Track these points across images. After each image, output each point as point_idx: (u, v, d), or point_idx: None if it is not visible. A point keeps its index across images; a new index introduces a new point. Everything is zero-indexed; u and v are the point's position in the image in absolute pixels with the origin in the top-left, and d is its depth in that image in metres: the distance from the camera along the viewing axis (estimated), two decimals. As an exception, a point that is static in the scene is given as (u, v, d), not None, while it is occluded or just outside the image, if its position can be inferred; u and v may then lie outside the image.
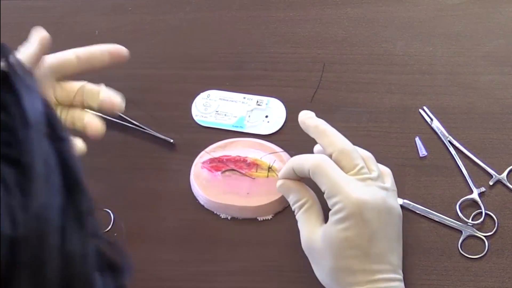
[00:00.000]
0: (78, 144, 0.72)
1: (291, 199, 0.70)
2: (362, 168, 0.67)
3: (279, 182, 0.71)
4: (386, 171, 0.72)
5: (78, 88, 0.75)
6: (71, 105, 0.75)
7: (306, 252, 0.68)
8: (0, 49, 0.38)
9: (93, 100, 0.74)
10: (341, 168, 0.67)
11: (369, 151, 0.76)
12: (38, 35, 0.71)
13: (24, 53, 0.71)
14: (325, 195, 0.66)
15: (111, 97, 0.74)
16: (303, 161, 0.68)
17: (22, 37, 0.71)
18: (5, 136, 0.34)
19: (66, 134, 0.38)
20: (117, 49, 0.76)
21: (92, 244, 0.38)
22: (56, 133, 0.37)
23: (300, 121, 0.73)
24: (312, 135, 0.71)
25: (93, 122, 0.74)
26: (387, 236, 0.66)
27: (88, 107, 0.75)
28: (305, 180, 0.71)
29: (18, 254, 0.33)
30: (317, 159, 0.68)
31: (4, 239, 0.32)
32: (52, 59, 0.74)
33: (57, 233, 0.35)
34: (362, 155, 0.69)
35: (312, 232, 0.67)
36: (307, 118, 0.72)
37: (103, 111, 0.76)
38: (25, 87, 0.36)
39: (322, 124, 0.71)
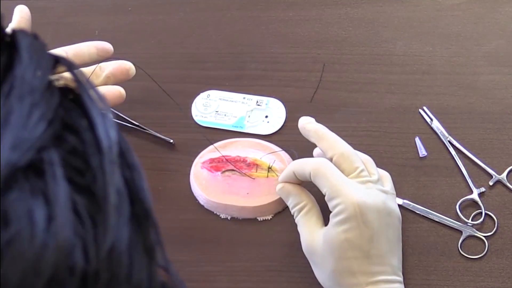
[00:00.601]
0: (119, 91, 0.75)
1: (290, 203, 0.71)
2: (362, 171, 0.68)
3: (279, 186, 0.71)
4: (385, 174, 0.72)
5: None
6: None
7: (307, 255, 0.69)
8: (69, 66, 0.36)
9: (98, 77, 0.76)
10: (342, 171, 0.67)
11: (369, 151, 0.76)
12: (18, 10, 0.74)
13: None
14: (326, 198, 0.66)
15: (120, 64, 0.77)
16: (304, 164, 0.69)
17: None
18: (77, 162, 0.33)
19: (136, 162, 0.37)
20: (102, 44, 0.78)
21: (160, 278, 0.37)
22: (127, 161, 0.36)
23: (300, 127, 0.73)
24: (313, 140, 0.72)
25: (112, 89, 0.76)
26: (388, 238, 0.66)
27: None
28: (305, 185, 0.71)
29: (86, 287, 0.32)
30: (318, 162, 0.68)
31: (76, 272, 0.31)
32: None
33: (126, 267, 0.34)
34: (362, 159, 0.70)
35: (312, 235, 0.68)
36: (307, 124, 0.73)
37: (116, 82, 0.77)
38: (97, 110, 0.35)
39: (321, 128, 0.72)
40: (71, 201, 0.32)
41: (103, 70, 0.77)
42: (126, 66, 0.77)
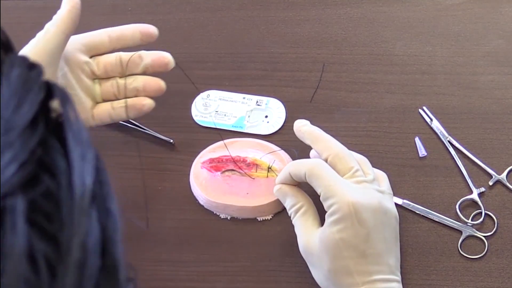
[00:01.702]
0: (147, 102, 0.75)
1: (287, 204, 0.71)
2: (357, 171, 0.68)
3: (276, 187, 0.72)
4: (382, 175, 0.72)
5: (114, 59, 0.75)
6: (108, 78, 0.76)
7: (304, 256, 0.69)
8: (63, 99, 0.34)
9: (137, 66, 0.75)
10: (337, 171, 0.68)
11: (369, 151, 0.76)
12: (68, 1, 0.71)
13: (56, 19, 0.71)
14: (321, 198, 0.67)
15: (160, 56, 0.75)
16: (299, 165, 0.69)
17: (22, 37, 0.70)
18: (48, 207, 0.32)
19: (114, 209, 0.35)
20: (147, 28, 0.76)
21: None
22: (105, 205, 0.35)
23: (295, 130, 0.73)
24: (308, 142, 0.72)
25: (151, 81, 0.76)
26: (384, 237, 0.66)
27: (130, 75, 0.76)
28: (303, 186, 0.71)
29: None
30: (313, 163, 0.68)
31: None
32: (85, 38, 0.75)
33: None
34: (357, 159, 0.70)
35: (309, 236, 0.68)
36: (302, 126, 0.73)
37: (153, 73, 0.76)
38: (79, 151, 0.33)
39: (316, 130, 0.72)
40: (29, 252, 0.30)
41: (142, 59, 0.75)
42: (165, 59, 0.76)
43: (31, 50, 0.69)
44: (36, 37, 0.70)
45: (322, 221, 0.68)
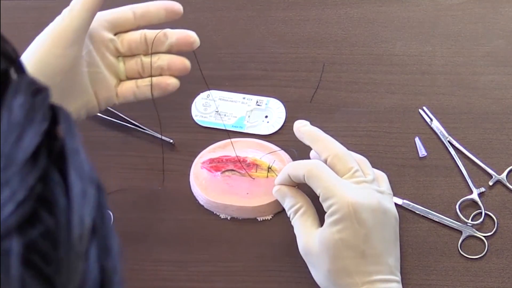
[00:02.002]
0: (171, 81, 0.74)
1: (286, 204, 0.71)
2: (356, 171, 0.68)
3: (275, 188, 0.72)
4: (381, 175, 0.72)
5: (138, 37, 0.74)
6: (133, 55, 0.75)
7: (303, 256, 0.69)
8: (67, 128, 0.32)
9: (161, 44, 0.74)
10: (336, 172, 0.68)
11: (369, 151, 0.76)
12: None
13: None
14: (320, 199, 0.67)
15: (186, 33, 0.74)
16: (298, 166, 0.69)
17: (22, 37, 0.70)
18: (46, 247, 0.30)
19: (114, 248, 0.33)
20: (172, 5, 0.74)
21: None
22: (105, 243, 0.33)
23: (295, 130, 0.73)
24: (307, 142, 0.72)
25: (176, 60, 0.74)
26: (383, 237, 0.66)
27: (154, 53, 0.75)
28: (302, 187, 0.71)
29: None
30: (312, 163, 0.69)
31: None
32: (110, 15, 0.74)
33: None
34: (356, 159, 0.70)
35: (308, 236, 0.68)
36: (302, 127, 0.73)
37: (178, 52, 0.75)
38: (79, 187, 0.31)
39: (316, 131, 0.72)
40: None
41: (167, 37, 0.74)
42: (190, 38, 0.74)
43: (56, 28, 0.68)
44: (62, 15, 0.69)
45: (321, 222, 0.68)
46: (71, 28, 0.68)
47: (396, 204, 0.72)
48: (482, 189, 0.74)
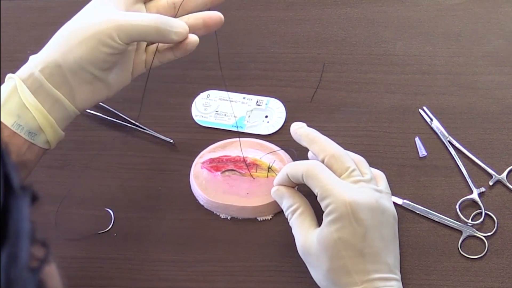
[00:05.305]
0: (192, 38, 0.72)
1: (284, 205, 0.71)
2: (353, 170, 0.68)
3: (273, 189, 0.72)
4: (380, 174, 0.72)
5: (166, 3, 0.74)
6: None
7: (302, 256, 0.69)
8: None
9: (187, 11, 0.74)
10: (333, 172, 0.68)
11: (369, 151, 0.76)
12: None
13: None
14: (318, 198, 0.67)
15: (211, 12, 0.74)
16: (296, 167, 0.69)
17: (22, 37, 0.71)
18: None
19: (23, 254, 0.33)
20: None
21: None
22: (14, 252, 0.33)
23: (292, 132, 0.74)
24: (304, 144, 0.72)
25: (211, 13, 0.74)
26: (382, 236, 0.66)
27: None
28: (302, 188, 0.71)
29: None
30: (310, 164, 0.69)
31: None
32: None
33: None
34: (354, 159, 0.70)
35: (307, 236, 0.68)
36: (298, 128, 0.73)
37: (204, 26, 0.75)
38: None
39: (312, 132, 0.72)
40: None
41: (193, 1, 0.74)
42: (217, 14, 0.74)
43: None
44: None
45: (319, 223, 0.68)
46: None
47: (396, 204, 0.72)
48: (482, 189, 0.74)
